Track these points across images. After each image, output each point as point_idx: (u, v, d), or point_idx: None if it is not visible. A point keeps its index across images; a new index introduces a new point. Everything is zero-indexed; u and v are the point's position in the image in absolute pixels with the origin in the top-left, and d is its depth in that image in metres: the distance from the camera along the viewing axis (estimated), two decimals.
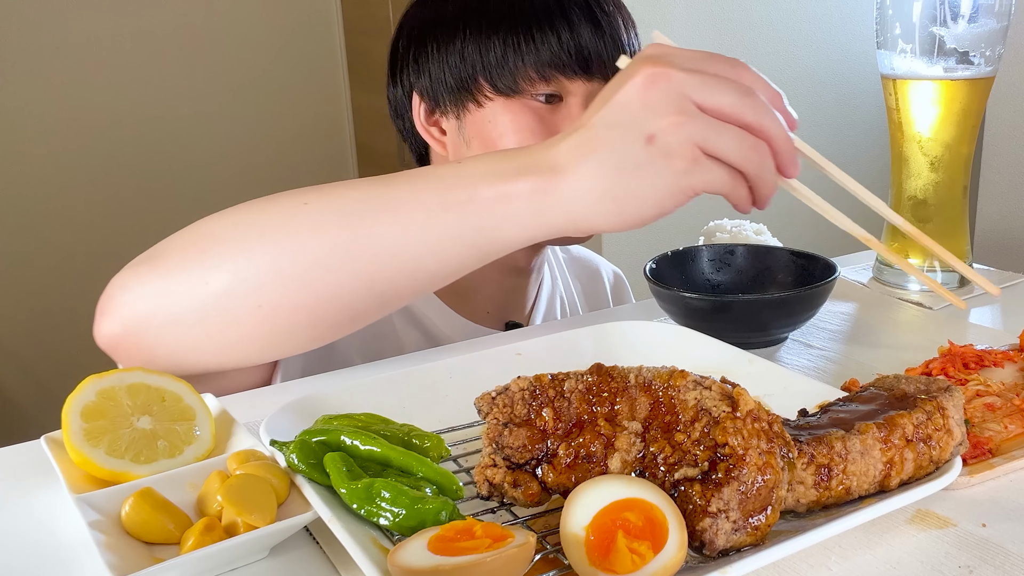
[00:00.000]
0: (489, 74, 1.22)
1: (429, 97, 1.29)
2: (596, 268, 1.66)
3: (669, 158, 0.78)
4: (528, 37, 1.20)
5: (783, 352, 1.05)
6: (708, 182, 0.80)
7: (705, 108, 0.78)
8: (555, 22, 1.20)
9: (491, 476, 0.66)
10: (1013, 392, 0.85)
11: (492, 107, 1.23)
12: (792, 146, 0.82)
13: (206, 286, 0.87)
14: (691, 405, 0.63)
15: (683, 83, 0.78)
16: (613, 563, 0.56)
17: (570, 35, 1.20)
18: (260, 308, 0.87)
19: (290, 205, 0.88)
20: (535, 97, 1.22)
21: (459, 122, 1.27)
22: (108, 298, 0.92)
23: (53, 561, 0.68)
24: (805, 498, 0.64)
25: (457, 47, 1.24)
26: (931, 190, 1.22)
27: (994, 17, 1.12)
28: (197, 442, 0.77)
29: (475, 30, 1.23)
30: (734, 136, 0.79)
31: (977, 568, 0.63)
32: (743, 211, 0.85)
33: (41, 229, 3.47)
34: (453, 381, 0.89)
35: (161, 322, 0.88)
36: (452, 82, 1.26)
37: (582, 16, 1.21)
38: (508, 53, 1.21)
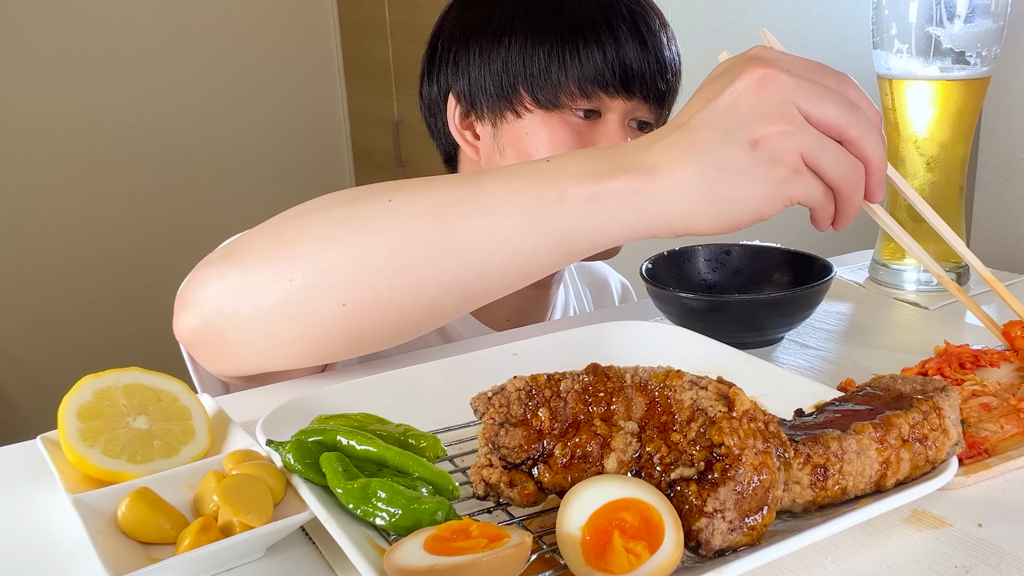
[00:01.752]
0: (531, 85, 1.21)
1: (466, 100, 1.29)
2: (604, 278, 1.67)
3: (773, 165, 0.77)
4: (573, 52, 1.19)
5: (779, 352, 1.06)
6: (805, 194, 0.78)
7: (811, 118, 0.77)
8: (602, 38, 1.19)
9: (487, 476, 0.66)
10: (1009, 392, 0.85)
11: (531, 119, 1.23)
12: (884, 170, 0.82)
13: (290, 282, 0.85)
14: (687, 405, 0.63)
15: (792, 89, 0.77)
16: (609, 563, 0.56)
17: (615, 52, 1.19)
18: (345, 307, 0.85)
19: (376, 203, 0.86)
20: (574, 112, 1.21)
21: (495, 129, 1.26)
22: (189, 292, 0.91)
23: (49, 561, 0.68)
24: (801, 498, 0.64)
25: (501, 54, 1.23)
26: (927, 190, 1.22)
27: (990, 17, 1.12)
28: (193, 442, 0.77)
29: (520, 39, 1.22)
30: (838, 153, 0.78)
31: (973, 568, 0.63)
32: (822, 229, 0.84)
33: (38, 229, 3.46)
34: (449, 381, 0.89)
35: (243, 318, 0.87)
36: (492, 89, 1.25)
37: (629, 34, 1.20)
38: (552, 66, 1.20)
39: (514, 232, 0.83)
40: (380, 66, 3.46)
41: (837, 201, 0.81)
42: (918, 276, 1.25)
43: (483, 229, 0.83)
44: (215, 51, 3.68)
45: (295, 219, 0.89)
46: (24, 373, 3.50)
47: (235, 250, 0.90)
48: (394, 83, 3.39)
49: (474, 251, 0.84)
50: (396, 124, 3.41)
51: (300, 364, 0.92)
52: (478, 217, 0.83)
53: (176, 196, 3.68)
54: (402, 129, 3.40)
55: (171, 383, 0.80)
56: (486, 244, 0.83)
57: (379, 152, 3.67)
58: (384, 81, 3.46)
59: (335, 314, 0.86)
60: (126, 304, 3.60)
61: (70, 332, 3.56)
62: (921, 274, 1.24)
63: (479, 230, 0.83)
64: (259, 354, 0.90)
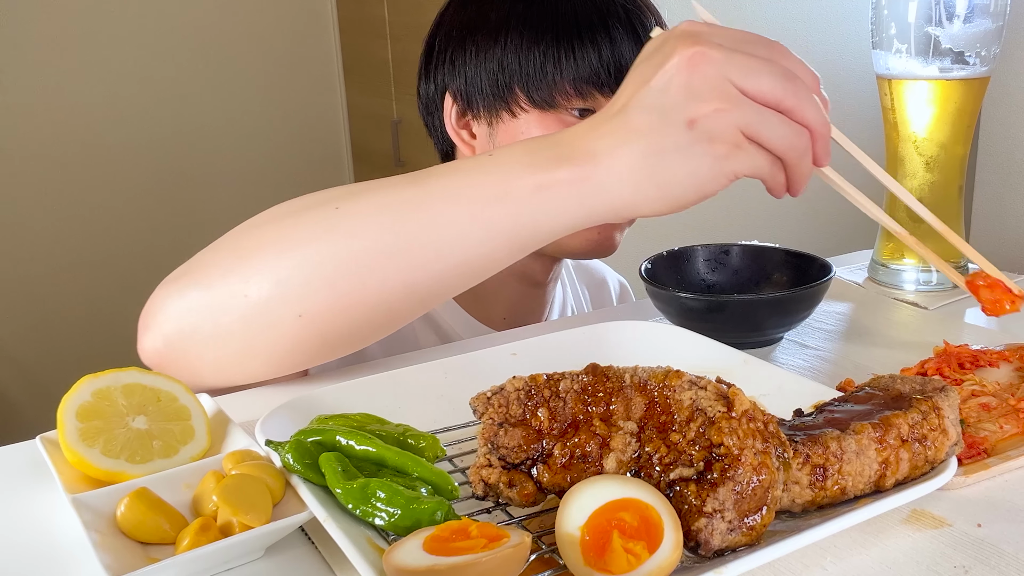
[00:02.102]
0: (526, 85, 1.22)
1: (462, 99, 1.29)
2: (603, 277, 1.67)
3: (712, 143, 0.77)
4: (569, 52, 1.19)
5: (779, 352, 1.06)
6: (750, 167, 0.79)
7: (747, 92, 0.77)
8: (597, 38, 1.19)
9: (486, 476, 0.66)
10: (1008, 392, 0.85)
11: (526, 118, 1.23)
12: (828, 134, 0.82)
13: (246, 297, 0.85)
14: (686, 405, 0.63)
15: (725, 65, 0.77)
16: (608, 563, 0.56)
17: (611, 52, 1.19)
18: (301, 317, 0.86)
19: (323, 210, 0.86)
20: (570, 112, 1.21)
21: (491, 128, 1.27)
22: (150, 314, 0.91)
23: (48, 561, 0.68)
24: (800, 498, 0.64)
25: (497, 54, 1.23)
26: (926, 190, 1.22)
27: (989, 17, 1.12)
28: (192, 442, 0.77)
29: (516, 39, 1.22)
30: (778, 123, 0.78)
31: (972, 568, 0.63)
32: (778, 196, 0.84)
33: (37, 228, 3.46)
34: (448, 381, 0.89)
35: (205, 336, 0.87)
36: (488, 88, 1.25)
37: (624, 34, 1.20)
38: (547, 66, 1.20)
39: (462, 230, 0.83)
40: (379, 66, 3.46)
41: (786, 169, 0.81)
42: (917, 276, 1.25)
43: (431, 229, 0.84)
44: (214, 50, 3.68)
45: (247, 233, 0.89)
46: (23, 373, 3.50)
47: (192, 268, 0.91)
48: (393, 83, 3.39)
49: (424, 251, 0.84)
50: (395, 124, 3.41)
51: (265, 376, 0.92)
52: (425, 217, 0.84)
53: (175, 196, 3.68)
54: (401, 129, 3.40)
55: (170, 383, 0.80)
56: (435, 243, 0.84)
57: (378, 152, 3.67)
58: (383, 81, 3.45)
59: (293, 325, 0.86)
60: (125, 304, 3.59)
61: (69, 332, 3.56)
62: (920, 274, 1.24)
63: (427, 230, 0.84)
64: (223, 370, 0.90)
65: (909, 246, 0.93)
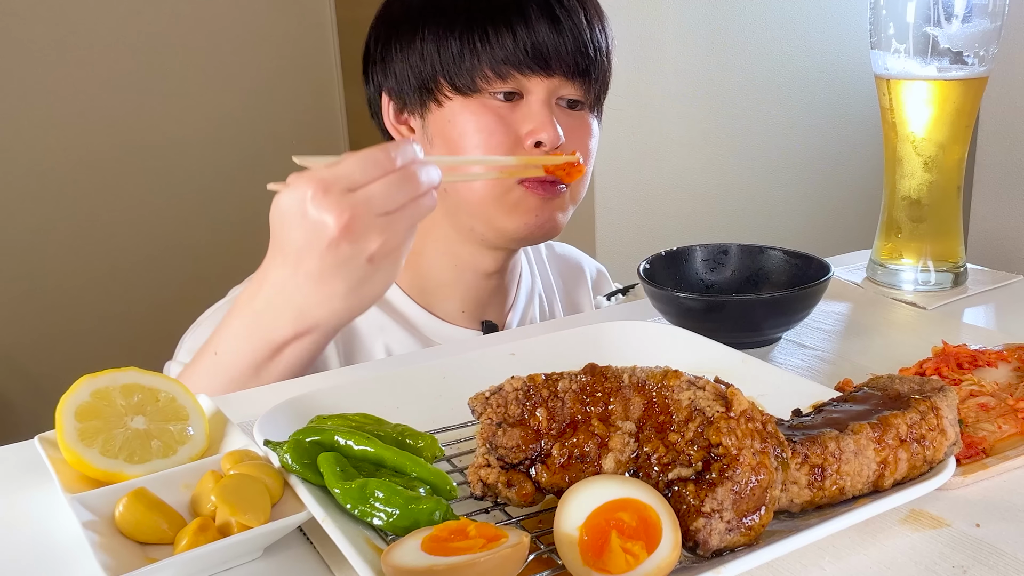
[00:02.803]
0: (447, 73, 1.23)
1: (397, 96, 1.30)
2: (579, 264, 1.67)
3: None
4: (483, 35, 1.21)
5: (777, 352, 1.06)
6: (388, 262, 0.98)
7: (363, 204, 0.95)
8: (511, 19, 1.21)
9: (485, 476, 0.66)
10: (1007, 392, 0.85)
11: (451, 106, 1.25)
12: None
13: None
14: (685, 405, 0.63)
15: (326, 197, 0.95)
16: (607, 563, 0.56)
17: (526, 32, 1.20)
18: None
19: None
20: (494, 96, 1.22)
21: (423, 121, 1.28)
22: None
23: (47, 561, 0.68)
24: (799, 498, 0.64)
25: (417, 46, 1.25)
26: (925, 190, 1.22)
27: (988, 17, 1.12)
28: (191, 442, 0.77)
29: (433, 29, 1.24)
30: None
31: (971, 568, 0.63)
32: None
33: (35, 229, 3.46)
34: (447, 381, 0.89)
35: None
36: (414, 81, 1.27)
37: (540, 13, 1.21)
38: (465, 52, 1.22)
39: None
40: None
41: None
42: (916, 276, 1.25)
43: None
44: (212, 51, 3.68)
45: None
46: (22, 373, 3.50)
47: None
48: None
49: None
50: None
51: None
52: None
53: (172, 196, 3.68)
54: None
55: (169, 383, 0.80)
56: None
57: None
58: None
59: None
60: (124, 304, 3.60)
61: (68, 332, 3.55)
62: (919, 274, 1.24)
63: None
64: None
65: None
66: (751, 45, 2.99)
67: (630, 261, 1.31)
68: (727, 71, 2.94)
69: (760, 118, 3.05)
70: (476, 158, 1.20)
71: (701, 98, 2.90)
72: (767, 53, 3.03)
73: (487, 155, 1.24)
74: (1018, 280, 1.28)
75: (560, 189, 1.27)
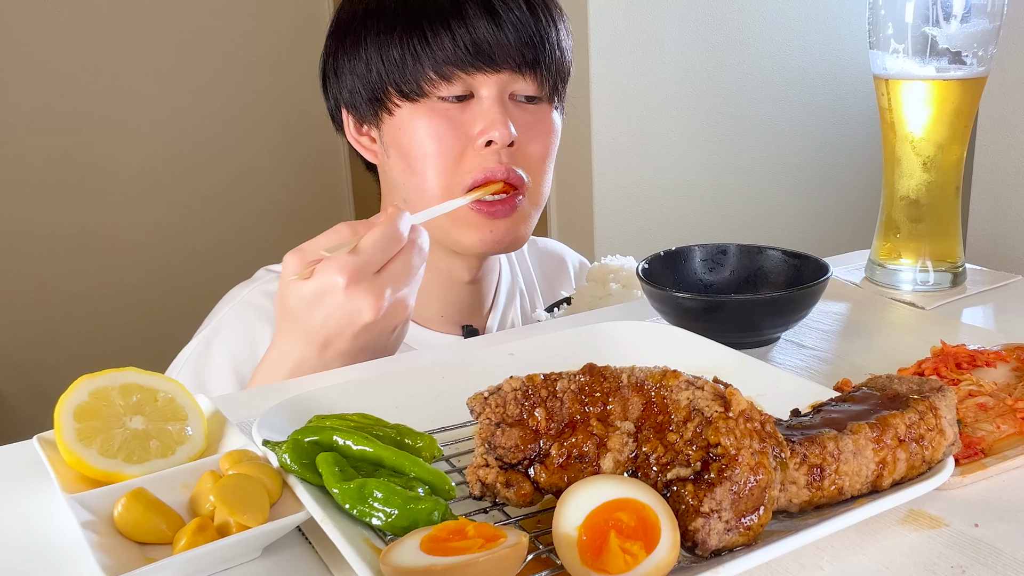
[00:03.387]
0: (393, 80, 1.22)
1: (353, 109, 1.29)
2: (561, 257, 1.67)
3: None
4: (422, 38, 1.20)
5: (775, 352, 1.06)
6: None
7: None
8: (448, 19, 1.19)
9: (483, 476, 0.66)
10: (1005, 392, 0.85)
11: (401, 114, 1.23)
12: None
13: None
14: (684, 405, 0.63)
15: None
16: (605, 563, 0.56)
17: (465, 30, 1.19)
18: None
19: None
20: (445, 99, 1.21)
21: (379, 131, 1.27)
22: None
23: (45, 561, 0.68)
24: (797, 498, 0.64)
25: (362, 56, 1.24)
26: (923, 190, 1.22)
27: (986, 17, 1.12)
28: (189, 442, 0.77)
29: (374, 36, 1.23)
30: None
31: (969, 568, 0.63)
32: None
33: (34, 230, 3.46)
34: (445, 381, 0.89)
35: None
36: (364, 92, 1.26)
37: (478, 9, 1.20)
38: (407, 56, 1.20)
39: None
40: None
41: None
42: (914, 276, 1.25)
43: None
44: (213, 54, 3.68)
45: None
46: (20, 373, 3.50)
47: None
48: None
49: None
50: None
51: None
52: None
53: (171, 197, 3.68)
54: None
55: (167, 383, 0.80)
56: None
57: None
58: None
59: None
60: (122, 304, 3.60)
61: (66, 332, 3.56)
62: (918, 274, 1.24)
63: None
64: None
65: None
66: (750, 45, 3.00)
67: None
68: (726, 71, 2.94)
69: (759, 118, 3.05)
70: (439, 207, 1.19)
71: (700, 98, 2.91)
72: (766, 53, 3.03)
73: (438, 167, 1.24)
74: (1017, 280, 1.28)
75: (517, 202, 1.26)
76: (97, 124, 3.51)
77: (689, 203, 2.95)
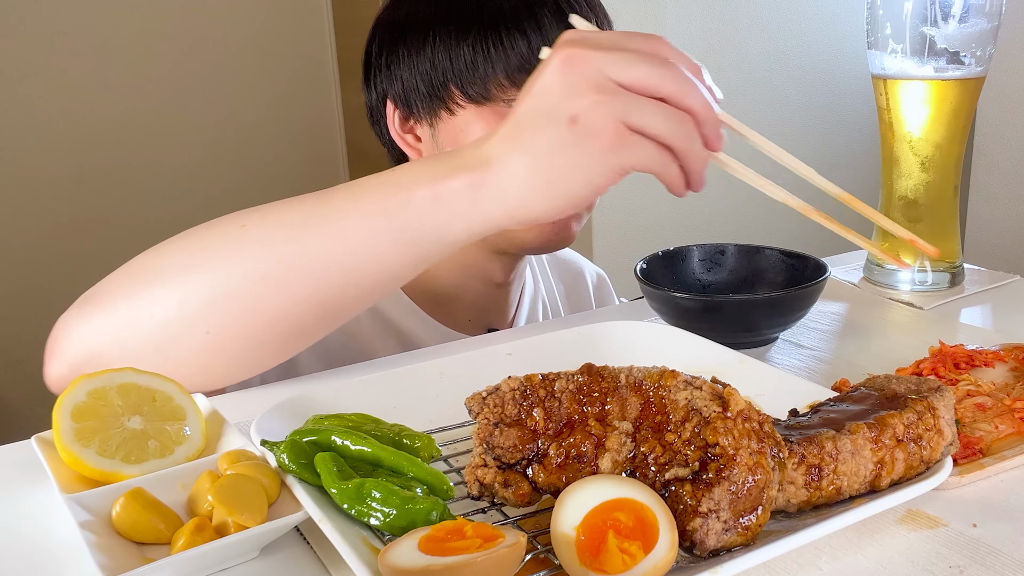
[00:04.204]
0: (460, 81, 1.21)
1: (403, 104, 1.28)
2: (580, 269, 1.66)
3: (594, 137, 0.77)
4: (497, 42, 1.18)
5: (774, 352, 1.06)
6: (638, 159, 0.79)
7: (624, 84, 0.78)
8: (524, 26, 1.18)
9: (482, 476, 0.66)
10: (1004, 392, 0.85)
11: (464, 115, 1.22)
12: (716, 117, 0.81)
13: (152, 318, 0.87)
14: (682, 405, 0.63)
15: (599, 61, 0.78)
16: (604, 563, 0.56)
17: (540, 39, 1.18)
18: (208, 334, 0.87)
19: (229, 229, 0.89)
20: (507, 103, 1.20)
21: (433, 130, 1.26)
22: (54, 340, 0.92)
23: (43, 561, 0.68)
24: (796, 498, 0.64)
25: (427, 53, 1.22)
26: (922, 190, 1.22)
27: (984, 17, 1.12)
28: (188, 442, 0.77)
29: (444, 35, 1.21)
30: (656, 110, 0.78)
31: (967, 568, 0.63)
32: (678, 194, 0.84)
33: (31, 228, 3.46)
34: (444, 381, 0.89)
35: (112, 359, 0.89)
36: (424, 89, 1.24)
37: (552, 18, 1.19)
38: (478, 59, 1.19)
39: (365, 242, 0.85)
40: None
41: (679, 160, 0.81)
42: (913, 276, 1.25)
43: (334, 243, 0.86)
44: (210, 51, 3.68)
45: (153, 256, 0.91)
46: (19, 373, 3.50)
47: (96, 293, 0.92)
48: None
49: (328, 265, 0.86)
50: None
51: None
52: (328, 232, 0.86)
53: (170, 195, 3.68)
54: None
55: (165, 383, 0.80)
56: (339, 257, 0.86)
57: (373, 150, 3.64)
58: None
59: (200, 342, 0.88)
60: None
61: None
62: (916, 274, 1.24)
63: (331, 244, 0.86)
64: None
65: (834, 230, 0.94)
66: (748, 45, 3.00)
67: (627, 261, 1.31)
68: (723, 71, 2.95)
69: (756, 118, 3.05)
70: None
71: None
72: (763, 53, 3.04)
73: None
74: (1015, 280, 1.29)
75: None
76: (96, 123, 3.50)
77: (687, 203, 2.95)
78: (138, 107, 3.57)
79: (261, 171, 3.83)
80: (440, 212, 0.83)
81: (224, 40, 3.69)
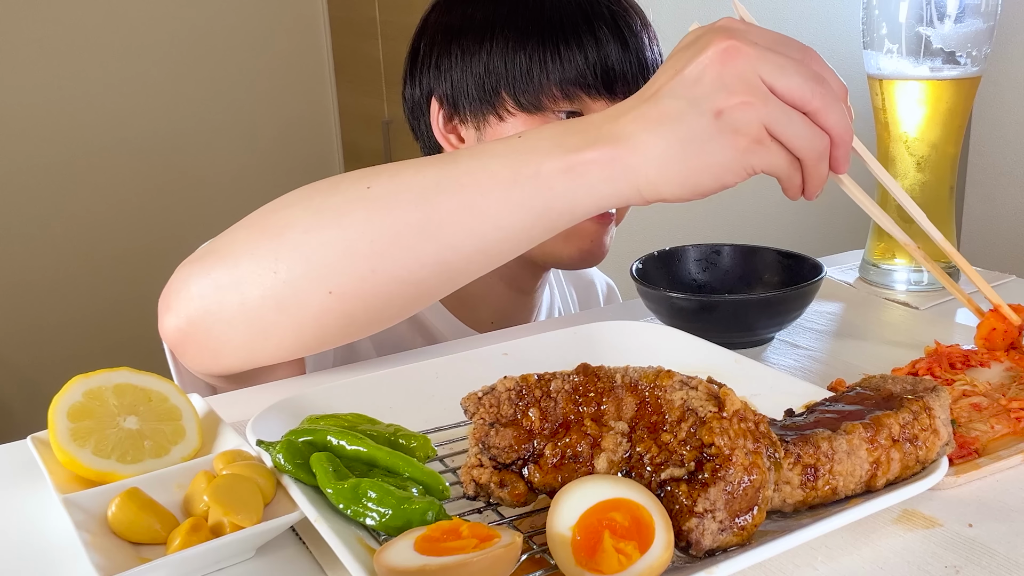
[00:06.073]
0: (513, 88, 1.21)
1: (449, 103, 1.28)
2: (590, 279, 1.67)
3: (735, 135, 0.78)
4: (555, 54, 1.19)
5: (769, 352, 1.06)
6: (768, 164, 0.80)
7: (775, 90, 0.78)
8: (583, 40, 1.19)
9: (477, 476, 0.66)
10: (999, 392, 0.85)
11: (513, 122, 1.22)
12: (850, 142, 0.83)
13: (275, 274, 0.86)
14: (677, 405, 0.63)
15: (757, 62, 0.78)
16: (599, 563, 0.56)
17: (596, 54, 1.18)
18: (331, 294, 0.87)
19: (354, 188, 0.88)
20: (557, 115, 1.20)
21: (479, 133, 1.26)
22: (173, 292, 0.92)
23: (39, 561, 0.68)
24: (791, 498, 0.64)
25: (482, 57, 1.22)
26: (917, 190, 1.22)
27: (980, 17, 1.12)
28: (183, 442, 0.77)
29: (502, 42, 1.21)
30: (801, 123, 0.79)
31: (963, 568, 0.63)
32: (793, 198, 0.85)
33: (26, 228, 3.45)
34: (439, 381, 0.89)
35: (231, 314, 0.88)
36: (474, 92, 1.24)
37: (610, 34, 1.19)
38: (533, 69, 1.19)
39: (494, 209, 0.84)
40: (370, 66, 3.45)
41: (803, 171, 0.82)
42: (908, 276, 1.25)
43: (463, 208, 0.85)
44: (205, 50, 3.67)
45: (276, 212, 0.90)
46: (14, 373, 3.50)
47: (218, 247, 0.91)
48: (384, 83, 3.39)
49: (455, 231, 0.86)
50: (386, 124, 3.40)
51: (290, 355, 0.93)
52: (457, 197, 0.85)
53: (165, 195, 3.68)
54: (392, 129, 3.39)
55: (161, 383, 0.80)
56: (467, 223, 0.85)
57: (369, 151, 3.67)
58: (374, 81, 3.45)
59: (322, 302, 0.87)
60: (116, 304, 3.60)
61: (60, 332, 3.55)
62: (912, 274, 1.24)
63: (459, 210, 0.85)
64: (248, 348, 0.91)
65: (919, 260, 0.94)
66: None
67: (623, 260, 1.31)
68: None
69: None
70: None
71: None
72: None
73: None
74: (1010, 280, 1.29)
75: (611, 212, 1.27)
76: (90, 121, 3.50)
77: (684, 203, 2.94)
78: (133, 106, 3.56)
79: (256, 170, 3.83)
80: (572, 184, 0.83)
81: (219, 40, 3.69)
